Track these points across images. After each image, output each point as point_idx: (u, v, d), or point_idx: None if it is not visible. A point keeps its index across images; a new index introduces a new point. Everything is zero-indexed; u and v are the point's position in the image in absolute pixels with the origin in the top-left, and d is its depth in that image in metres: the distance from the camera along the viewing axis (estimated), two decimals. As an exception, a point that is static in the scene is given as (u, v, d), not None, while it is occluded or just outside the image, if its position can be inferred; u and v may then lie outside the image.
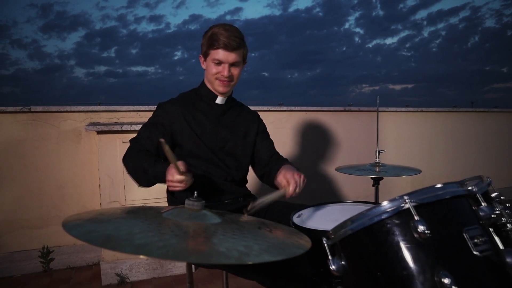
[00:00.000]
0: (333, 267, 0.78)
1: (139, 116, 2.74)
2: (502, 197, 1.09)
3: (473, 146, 4.30)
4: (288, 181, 1.24)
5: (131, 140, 1.45)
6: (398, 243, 0.69)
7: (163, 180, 1.20)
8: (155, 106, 1.50)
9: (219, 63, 1.40)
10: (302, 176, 1.26)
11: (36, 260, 2.57)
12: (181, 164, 1.10)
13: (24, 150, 2.54)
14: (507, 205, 1.05)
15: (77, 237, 0.65)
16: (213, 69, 1.41)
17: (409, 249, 0.68)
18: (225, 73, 1.40)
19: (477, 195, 0.79)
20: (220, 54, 1.38)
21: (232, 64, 1.41)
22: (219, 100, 1.49)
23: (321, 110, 3.39)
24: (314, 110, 3.38)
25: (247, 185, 1.62)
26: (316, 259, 1.06)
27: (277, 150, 1.69)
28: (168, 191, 1.50)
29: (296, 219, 1.25)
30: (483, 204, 0.77)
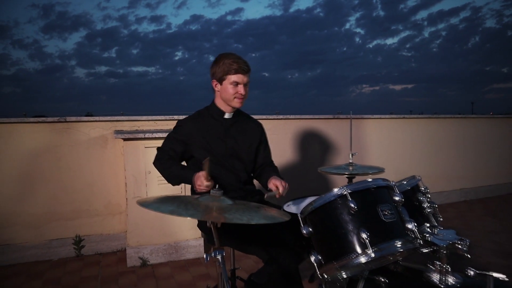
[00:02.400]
0: (304, 231, 1.25)
1: (156, 124, 3.21)
2: (427, 190, 1.56)
3: (452, 149, 4.77)
4: (278, 187, 1.70)
5: (159, 149, 1.90)
6: (339, 214, 1.15)
7: (188, 182, 1.68)
8: (170, 116, 1.96)
9: (236, 84, 1.84)
10: (286, 184, 1.73)
11: (70, 247, 3.04)
12: (204, 174, 1.56)
13: (59, 154, 3.01)
14: (428, 196, 1.53)
15: (152, 209, 1.11)
16: (231, 90, 1.82)
17: (345, 217, 1.14)
18: (243, 91, 1.83)
19: (394, 186, 1.25)
20: (238, 77, 1.82)
21: (245, 84, 1.87)
22: (227, 115, 1.93)
23: (313, 118, 3.86)
24: (307, 118, 3.84)
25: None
26: (298, 235, 1.53)
27: (275, 153, 2.15)
28: (192, 189, 1.95)
29: (285, 207, 1.72)
30: (396, 192, 1.23)
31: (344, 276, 1.31)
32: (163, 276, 2.65)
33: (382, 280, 1.35)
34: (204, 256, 1.21)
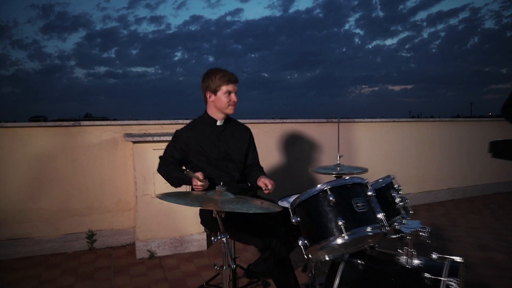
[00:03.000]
0: (293, 220, 1.51)
1: (162, 128, 3.48)
2: (400, 187, 1.83)
3: (440, 151, 5.04)
4: (267, 185, 1.99)
5: (161, 157, 2.16)
6: (321, 205, 1.42)
7: (188, 184, 1.97)
8: (175, 120, 2.24)
9: (229, 93, 2.11)
10: (273, 182, 2.01)
11: (83, 241, 3.30)
12: (200, 175, 1.83)
13: (74, 155, 3.28)
14: (400, 192, 1.80)
15: (171, 202, 1.37)
16: (225, 99, 2.09)
17: (325, 208, 1.40)
18: (235, 99, 2.12)
19: (367, 184, 1.52)
20: (230, 87, 2.10)
21: (236, 92, 2.14)
22: (218, 123, 2.19)
23: (307, 122, 4.13)
24: (302, 122, 4.11)
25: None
26: (289, 227, 1.80)
27: (271, 155, 2.42)
28: (192, 189, 2.21)
29: (279, 203, 1.99)
30: (369, 188, 1.50)
31: (327, 258, 1.58)
32: (169, 267, 2.91)
33: (360, 262, 1.62)
34: (212, 239, 1.46)
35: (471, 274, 2.65)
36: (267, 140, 3.89)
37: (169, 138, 2.95)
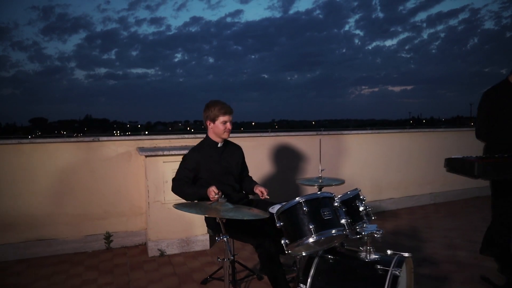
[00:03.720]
0: (277, 225, 1.98)
1: (170, 142, 3.95)
2: (365, 198, 2.29)
3: (423, 158, 5.51)
4: (263, 192, 2.48)
5: (174, 179, 2.58)
6: (297, 213, 1.88)
7: (203, 196, 2.41)
8: (181, 136, 2.76)
9: (225, 123, 2.60)
10: (267, 189, 2.51)
11: (102, 241, 3.77)
12: (215, 188, 2.30)
13: (93, 166, 3.75)
14: (364, 202, 2.26)
15: (184, 211, 1.84)
16: (222, 127, 2.59)
17: (301, 216, 1.87)
18: (230, 127, 2.61)
19: (333, 197, 1.99)
20: (226, 117, 2.58)
21: (230, 121, 2.62)
22: (219, 145, 2.69)
23: (299, 134, 4.61)
24: (293, 135, 4.59)
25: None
26: (278, 229, 2.27)
27: (265, 164, 2.90)
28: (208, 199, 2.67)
29: (270, 209, 2.46)
30: (335, 200, 1.97)
31: (303, 254, 2.05)
32: (178, 264, 3.38)
33: (330, 257, 2.09)
34: (216, 239, 1.93)
35: (436, 270, 3.10)
36: (262, 152, 4.36)
37: (177, 151, 3.46)
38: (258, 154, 4.30)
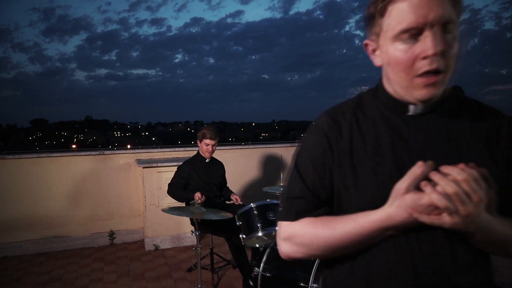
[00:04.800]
0: (237, 223, 2.72)
1: (164, 154, 4.69)
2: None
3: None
4: (237, 199, 3.21)
5: (169, 184, 3.34)
6: (250, 215, 2.61)
7: (191, 199, 3.14)
8: (173, 149, 3.60)
9: (207, 145, 3.34)
10: (239, 197, 3.24)
11: (106, 238, 4.50)
12: (199, 194, 3.04)
13: (99, 176, 4.48)
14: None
15: (169, 213, 2.56)
16: (205, 147, 3.33)
17: (252, 217, 2.60)
18: (211, 149, 3.35)
19: (279, 203, 2.72)
20: (208, 141, 3.32)
21: (213, 145, 3.36)
22: (207, 160, 3.43)
23: (282, 146, 5.32)
24: (277, 146, 5.30)
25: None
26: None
27: (246, 173, 3.64)
28: (186, 203, 3.40)
29: (238, 211, 3.20)
30: (280, 206, 2.70)
31: (257, 245, 2.78)
32: (169, 256, 4.11)
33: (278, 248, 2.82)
34: (191, 232, 2.66)
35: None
36: (244, 162, 5.09)
37: (169, 163, 4.19)
38: (238, 164, 5.02)
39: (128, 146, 5.32)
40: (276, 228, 2.51)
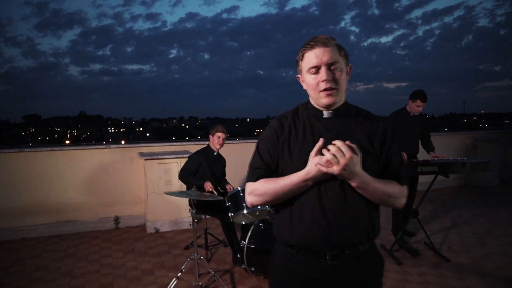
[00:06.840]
0: (227, 204, 3.29)
1: (163, 148, 5.24)
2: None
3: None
4: (230, 188, 3.79)
5: (182, 169, 3.90)
6: (237, 197, 3.18)
7: (200, 186, 3.70)
8: (173, 143, 4.14)
9: (219, 138, 3.90)
10: (232, 187, 3.82)
11: (112, 223, 5.06)
12: (209, 183, 3.61)
13: (107, 167, 5.03)
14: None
15: (173, 195, 3.12)
16: (216, 140, 3.90)
17: (239, 198, 3.17)
18: (222, 142, 3.93)
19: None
20: (220, 134, 4.11)
21: (223, 138, 3.93)
22: (215, 153, 3.99)
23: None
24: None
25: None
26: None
27: (240, 166, 4.19)
28: (188, 188, 3.95)
29: (227, 194, 3.79)
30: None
31: (243, 222, 3.36)
32: (169, 237, 4.68)
33: (261, 225, 3.40)
34: (188, 210, 3.23)
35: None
36: (236, 156, 5.66)
37: (168, 156, 4.75)
38: (231, 157, 5.58)
39: (122, 142, 5.85)
40: (259, 207, 3.08)
